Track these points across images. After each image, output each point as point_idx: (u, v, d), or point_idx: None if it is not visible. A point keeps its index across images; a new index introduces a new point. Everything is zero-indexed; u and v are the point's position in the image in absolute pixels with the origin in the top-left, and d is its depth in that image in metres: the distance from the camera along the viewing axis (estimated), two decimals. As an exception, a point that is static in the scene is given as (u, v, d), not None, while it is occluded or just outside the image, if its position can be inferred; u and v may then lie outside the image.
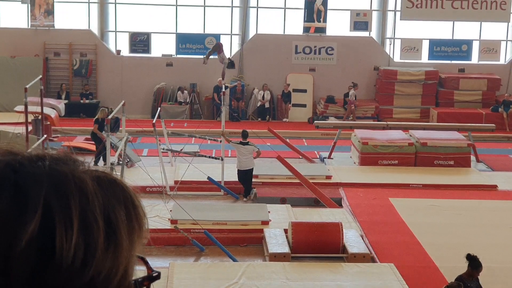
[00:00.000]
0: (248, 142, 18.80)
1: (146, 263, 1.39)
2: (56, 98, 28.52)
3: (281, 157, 18.62)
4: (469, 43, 31.06)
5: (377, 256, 14.41)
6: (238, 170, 18.65)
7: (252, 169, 18.64)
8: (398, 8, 30.40)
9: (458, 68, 30.91)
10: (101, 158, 20.11)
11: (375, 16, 30.79)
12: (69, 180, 1.27)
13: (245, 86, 29.96)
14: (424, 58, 30.98)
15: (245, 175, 18.60)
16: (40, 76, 21.56)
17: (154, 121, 20.35)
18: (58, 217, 1.22)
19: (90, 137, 22.28)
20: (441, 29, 31.07)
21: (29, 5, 29.56)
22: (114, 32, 30.63)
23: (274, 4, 30.53)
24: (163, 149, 20.12)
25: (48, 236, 1.21)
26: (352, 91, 28.92)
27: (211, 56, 24.08)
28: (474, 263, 11.11)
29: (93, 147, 22.10)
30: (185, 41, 30.18)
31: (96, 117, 21.87)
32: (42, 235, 1.21)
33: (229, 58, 24.38)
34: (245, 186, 18.66)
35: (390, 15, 30.90)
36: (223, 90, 21.46)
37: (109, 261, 1.26)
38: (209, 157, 20.00)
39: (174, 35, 30.33)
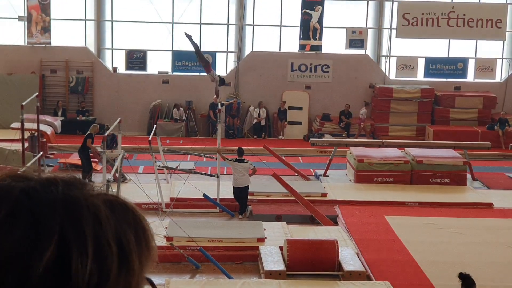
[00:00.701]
0: (244, 159, 18.81)
1: (153, 285, 1.42)
2: (52, 115, 28.52)
3: (277, 175, 18.61)
4: (464, 61, 31.15)
5: (373, 274, 14.39)
6: (234, 188, 18.67)
7: (248, 186, 18.65)
8: (394, 26, 30.50)
9: (453, 86, 30.99)
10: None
11: (370, 34, 30.88)
12: (83, 205, 1.30)
13: (240, 103, 30.00)
14: (420, 76, 31.05)
15: (241, 193, 18.61)
16: (37, 93, 21.61)
17: (150, 138, 20.34)
18: (73, 244, 1.26)
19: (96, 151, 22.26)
20: (437, 47, 31.17)
21: (25, 22, 29.62)
22: (111, 50, 30.68)
23: (270, 21, 30.62)
24: (159, 166, 20.12)
25: (64, 262, 1.25)
26: (363, 109, 29.02)
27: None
28: (467, 281, 11.09)
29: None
30: (181, 58, 30.23)
31: (89, 132, 21.72)
32: (58, 261, 1.25)
33: (219, 75, 24.39)
34: (240, 203, 18.66)
35: (385, 33, 31.00)
36: (219, 107, 21.48)
37: (122, 284, 1.30)
38: (205, 174, 19.99)
39: (170, 52, 30.39)
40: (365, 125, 29.11)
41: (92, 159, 21.51)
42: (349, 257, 14.71)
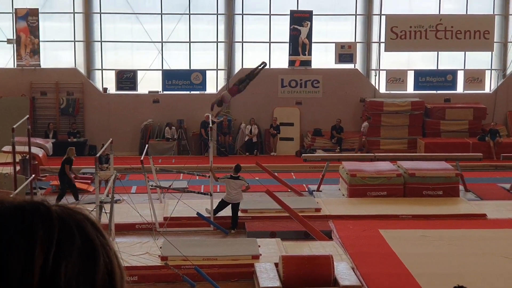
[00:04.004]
0: (239, 176, 18.81)
1: None
2: (43, 138, 28.45)
3: (270, 191, 18.60)
4: (454, 73, 31.26)
5: (369, 288, 14.37)
6: (224, 201, 18.64)
7: (239, 203, 18.66)
8: (382, 39, 30.60)
9: (443, 98, 31.07)
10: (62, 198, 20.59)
11: (359, 48, 30.96)
12: (71, 219, 1.37)
13: (232, 120, 30.01)
14: (410, 88, 31.12)
15: (233, 208, 18.57)
16: (27, 115, 21.54)
17: (142, 158, 20.33)
18: (65, 254, 1.32)
19: (76, 175, 22.25)
20: (426, 60, 31.27)
21: (14, 45, 29.62)
22: (101, 70, 30.68)
23: (259, 38, 30.68)
24: (151, 185, 20.09)
25: (57, 271, 1.31)
26: (365, 123, 28.98)
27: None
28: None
29: (84, 186, 22.16)
30: (171, 77, 30.25)
31: (67, 156, 21.48)
32: (53, 271, 1.31)
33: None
34: (232, 219, 18.64)
35: (374, 46, 31.09)
36: (211, 125, 21.49)
37: None
38: (198, 193, 19.99)
39: (160, 72, 30.40)
40: (366, 139, 28.98)
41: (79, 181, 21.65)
42: (344, 272, 14.68)
